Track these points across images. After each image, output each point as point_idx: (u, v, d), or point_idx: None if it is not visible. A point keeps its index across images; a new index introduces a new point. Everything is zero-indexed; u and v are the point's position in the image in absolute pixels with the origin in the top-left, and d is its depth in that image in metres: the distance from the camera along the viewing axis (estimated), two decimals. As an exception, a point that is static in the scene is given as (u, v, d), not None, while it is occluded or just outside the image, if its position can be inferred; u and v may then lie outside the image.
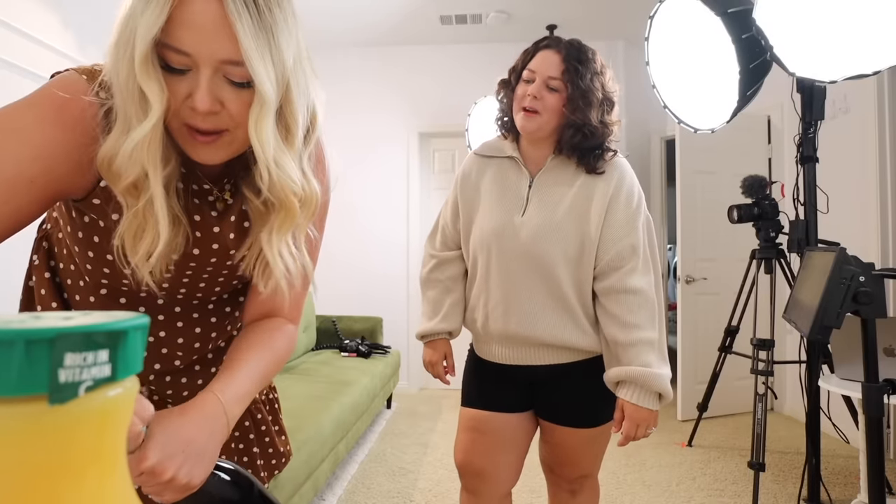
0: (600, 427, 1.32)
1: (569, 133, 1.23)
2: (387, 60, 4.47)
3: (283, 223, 0.68)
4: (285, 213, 0.67)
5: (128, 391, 0.30)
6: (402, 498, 2.45)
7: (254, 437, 0.89)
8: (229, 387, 0.65)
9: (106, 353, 0.26)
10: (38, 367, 0.24)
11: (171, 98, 0.60)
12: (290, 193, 0.66)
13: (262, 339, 0.74)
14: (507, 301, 1.27)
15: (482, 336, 1.35)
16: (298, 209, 0.68)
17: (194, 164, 0.69)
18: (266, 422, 0.91)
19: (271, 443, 0.92)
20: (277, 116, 0.63)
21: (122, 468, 0.31)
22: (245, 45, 0.57)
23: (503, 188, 1.31)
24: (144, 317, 0.35)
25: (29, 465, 0.24)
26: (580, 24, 4.03)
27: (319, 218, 0.81)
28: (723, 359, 3.05)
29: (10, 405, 0.24)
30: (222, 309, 0.84)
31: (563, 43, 1.26)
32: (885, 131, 2.94)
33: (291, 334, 0.80)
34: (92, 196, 0.67)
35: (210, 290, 0.80)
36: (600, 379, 1.28)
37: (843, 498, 2.37)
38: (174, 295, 0.78)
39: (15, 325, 0.25)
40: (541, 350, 1.28)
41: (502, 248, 1.26)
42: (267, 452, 0.91)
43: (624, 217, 1.24)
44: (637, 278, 1.22)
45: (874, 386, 1.41)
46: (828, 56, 1.77)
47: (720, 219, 2.98)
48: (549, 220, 1.23)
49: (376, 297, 4.38)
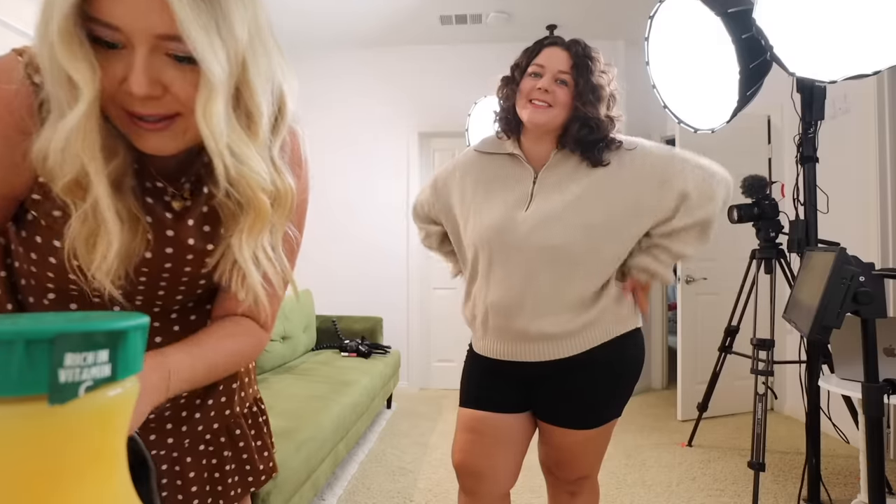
0: (599, 428, 1.31)
1: (575, 127, 1.23)
2: (387, 60, 4.47)
3: (254, 224, 0.60)
4: (255, 212, 0.60)
5: (128, 391, 0.29)
6: (402, 498, 2.45)
7: (230, 455, 0.82)
8: (184, 365, 0.59)
9: (106, 353, 0.26)
10: (38, 367, 0.24)
11: (106, 80, 0.52)
12: (258, 190, 0.58)
13: (229, 333, 0.69)
14: (510, 296, 1.25)
15: (482, 332, 1.33)
16: (269, 208, 0.60)
17: (148, 157, 0.60)
18: (246, 437, 0.84)
19: (249, 459, 0.84)
20: (235, 101, 0.56)
21: (122, 468, 0.31)
22: (182, 16, 0.49)
23: (505, 184, 1.29)
24: (144, 317, 0.35)
25: (29, 465, 0.24)
26: (580, 24, 4.04)
27: (298, 216, 0.74)
28: (723, 359, 3.05)
29: (10, 405, 0.24)
30: (186, 318, 0.77)
31: (569, 41, 1.27)
32: (885, 131, 2.94)
33: (260, 338, 0.74)
34: (31, 192, 0.60)
35: (171, 298, 0.72)
36: (600, 379, 1.28)
37: (843, 498, 2.37)
38: (131, 302, 0.70)
39: (15, 325, 0.25)
40: (541, 345, 1.26)
41: (505, 242, 1.24)
42: (243, 469, 0.83)
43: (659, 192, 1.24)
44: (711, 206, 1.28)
45: (874, 386, 1.41)
46: (828, 56, 1.77)
47: (720, 219, 2.98)
48: (555, 214, 1.22)
49: (376, 296, 4.38)
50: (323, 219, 4.42)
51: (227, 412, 0.82)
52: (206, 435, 0.79)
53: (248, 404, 0.87)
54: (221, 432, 0.81)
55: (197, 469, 0.78)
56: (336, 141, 4.48)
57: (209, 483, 0.79)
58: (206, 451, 0.79)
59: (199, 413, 0.78)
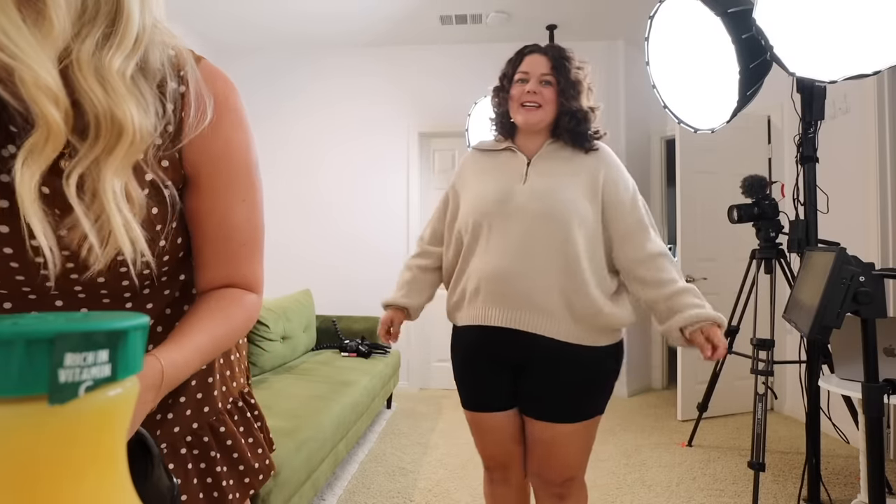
0: (584, 423, 1.34)
1: (565, 119, 1.39)
2: (387, 60, 4.47)
3: (42, 144, 0.47)
4: (46, 127, 0.46)
5: (128, 391, 0.30)
6: (402, 498, 2.46)
7: (218, 455, 0.76)
8: (174, 358, 0.55)
9: (106, 353, 0.26)
10: (38, 367, 0.24)
11: None
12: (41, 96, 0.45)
13: (216, 308, 0.65)
14: (509, 260, 1.33)
15: (473, 301, 1.38)
16: (61, 125, 0.47)
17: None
18: (233, 435, 0.78)
19: (241, 458, 0.78)
20: None
21: (122, 468, 0.31)
22: None
23: (502, 169, 1.43)
24: (144, 317, 0.35)
25: (29, 465, 0.24)
26: (580, 24, 4.04)
27: (245, 182, 0.68)
28: (723, 359, 3.05)
29: (10, 405, 0.24)
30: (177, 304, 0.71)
31: (545, 46, 1.43)
32: (885, 131, 2.94)
33: (251, 305, 0.69)
34: None
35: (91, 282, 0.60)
36: (586, 372, 1.33)
37: (843, 498, 2.37)
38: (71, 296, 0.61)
39: (15, 325, 0.25)
40: (535, 316, 1.32)
41: (504, 211, 1.34)
42: (237, 469, 0.77)
43: (626, 196, 1.38)
44: (656, 243, 1.36)
45: (874, 386, 1.41)
46: (828, 56, 1.77)
47: (720, 219, 2.98)
48: (550, 184, 1.35)
49: (376, 296, 4.35)
50: (322, 219, 4.43)
51: (205, 409, 0.75)
52: (185, 437, 0.73)
53: (233, 399, 0.81)
54: (204, 432, 0.75)
55: (184, 475, 0.72)
56: (336, 141, 4.48)
57: (202, 490, 0.74)
58: (191, 454, 0.74)
59: (171, 413, 0.72)
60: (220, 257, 0.67)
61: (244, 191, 0.68)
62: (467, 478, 2.66)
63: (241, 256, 0.69)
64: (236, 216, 0.68)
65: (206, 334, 0.62)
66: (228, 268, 0.68)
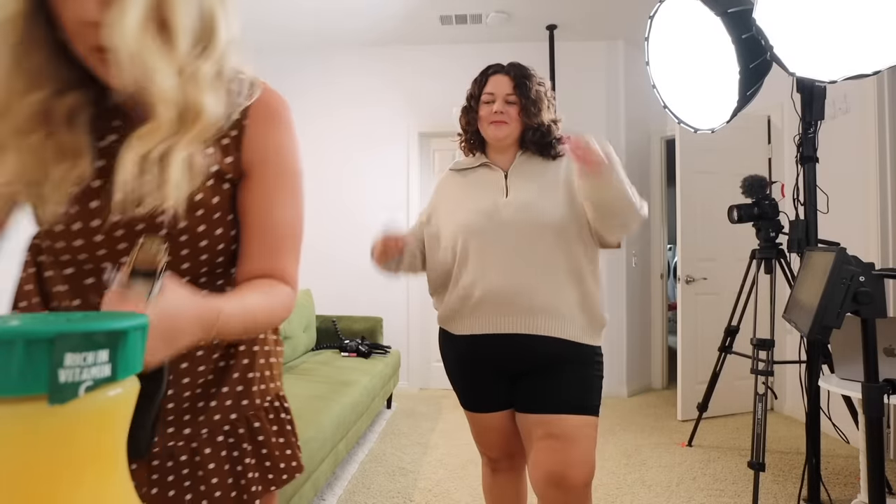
0: (590, 418, 1.35)
1: (529, 133, 1.47)
2: (387, 60, 4.47)
3: (151, 131, 0.62)
4: (156, 120, 0.61)
5: (128, 391, 0.30)
6: (402, 498, 2.46)
7: (249, 448, 0.81)
8: (233, 311, 0.63)
9: (106, 353, 0.26)
10: (38, 367, 0.24)
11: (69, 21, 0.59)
12: (158, 90, 0.60)
13: (259, 286, 0.72)
14: (514, 273, 1.37)
15: (483, 310, 1.40)
16: (169, 119, 0.62)
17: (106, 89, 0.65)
18: (266, 432, 0.83)
19: (269, 455, 0.83)
20: (154, 14, 0.60)
21: (122, 468, 0.31)
22: None
23: (481, 185, 1.49)
24: (144, 317, 0.35)
25: (29, 465, 0.24)
26: (580, 24, 4.04)
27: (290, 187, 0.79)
28: (723, 359, 3.05)
29: (10, 405, 0.24)
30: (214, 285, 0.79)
31: (508, 65, 1.50)
32: (885, 131, 2.94)
33: (287, 295, 0.76)
34: None
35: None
36: (587, 368, 1.38)
37: (843, 498, 2.37)
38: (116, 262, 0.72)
39: (15, 325, 0.25)
40: (537, 318, 1.36)
41: (493, 224, 1.40)
42: (263, 465, 0.82)
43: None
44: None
45: (874, 386, 1.41)
46: (828, 56, 1.77)
47: (720, 219, 2.98)
48: (533, 195, 1.42)
49: (376, 297, 4.38)
50: (323, 218, 4.42)
51: (244, 402, 0.81)
52: (223, 425, 0.79)
53: (270, 399, 0.86)
54: (241, 424, 0.81)
55: (216, 461, 0.78)
56: (336, 141, 4.48)
57: (230, 476, 0.79)
58: (226, 442, 0.79)
59: (214, 401, 0.78)
60: (262, 248, 0.75)
61: (289, 190, 0.78)
62: (467, 478, 2.66)
63: (280, 250, 0.76)
64: (280, 211, 0.77)
65: (253, 301, 0.69)
66: (269, 259, 0.75)
